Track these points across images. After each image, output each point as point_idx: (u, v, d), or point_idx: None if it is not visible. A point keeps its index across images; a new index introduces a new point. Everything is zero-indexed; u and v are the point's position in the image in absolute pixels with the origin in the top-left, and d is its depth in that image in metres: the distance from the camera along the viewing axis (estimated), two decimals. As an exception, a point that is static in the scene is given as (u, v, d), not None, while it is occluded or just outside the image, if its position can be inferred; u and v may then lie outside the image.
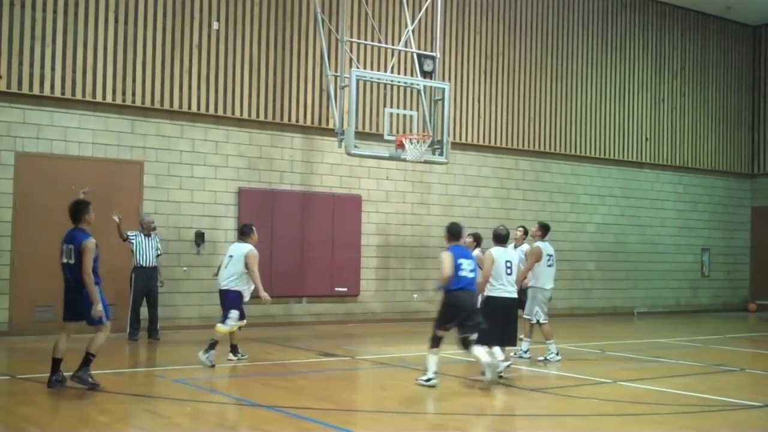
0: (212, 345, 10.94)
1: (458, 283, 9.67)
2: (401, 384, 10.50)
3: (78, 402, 8.65)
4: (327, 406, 8.61)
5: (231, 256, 11.41)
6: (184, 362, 11.66)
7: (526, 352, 12.35)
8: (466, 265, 9.77)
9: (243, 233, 11.71)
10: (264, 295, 11.28)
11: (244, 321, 11.52)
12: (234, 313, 11.23)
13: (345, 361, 12.28)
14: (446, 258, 9.67)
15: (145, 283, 13.70)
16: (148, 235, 13.78)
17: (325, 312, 16.90)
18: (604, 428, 7.93)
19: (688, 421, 8.16)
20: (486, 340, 10.08)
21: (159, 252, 13.97)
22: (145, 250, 13.67)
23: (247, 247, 11.34)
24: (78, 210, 9.21)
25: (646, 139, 22.17)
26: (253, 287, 11.39)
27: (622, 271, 21.51)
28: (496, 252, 10.59)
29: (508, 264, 10.57)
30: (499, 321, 10.32)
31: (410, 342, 13.40)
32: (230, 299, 11.29)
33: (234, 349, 11.54)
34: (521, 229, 13.88)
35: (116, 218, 13.50)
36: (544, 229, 12.35)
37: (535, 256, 12.09)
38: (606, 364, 12.43)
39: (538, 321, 12.26)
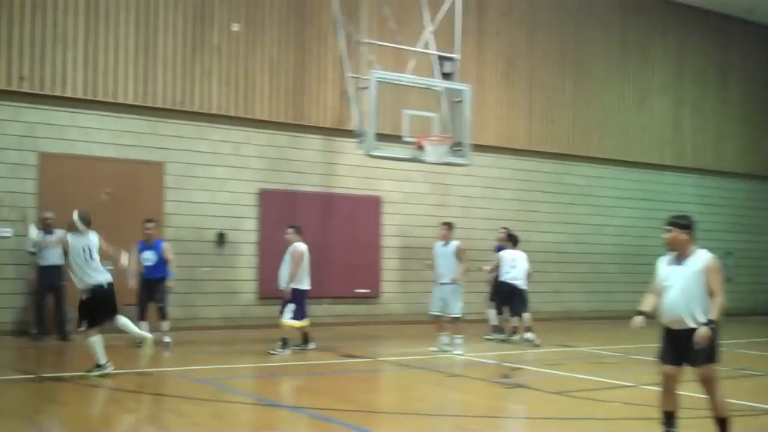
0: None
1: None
2: (422, 385, 10.47)
3: (102, 401, 8.69)
4: (348, 407, 8.59)
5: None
6: (206, 362, 11.69)
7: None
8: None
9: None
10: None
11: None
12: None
13: (366, 362, 12.25)
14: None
15: (50, 282, 13.41)
16: (50, 233, 13.37)
17: (346, 313, 16.89)
18: None
19: (712, 426, 8.08)
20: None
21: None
22: (49, 249, 13.30)
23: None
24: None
25: (667, 142, 22.03)
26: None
27: (643, 273, 21.23)
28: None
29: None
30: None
31: (431, 343, 13.35)
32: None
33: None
34: (504, 230, 15.26)
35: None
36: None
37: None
38: (629, 367, 12.33)
39: (457, 316, 12.91)
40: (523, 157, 19.51)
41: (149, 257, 12.94)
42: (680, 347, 6.94)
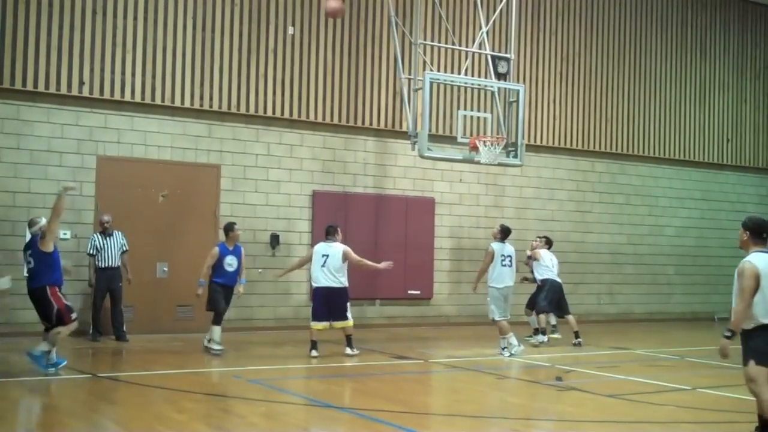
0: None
1: None
2: (474, 388, 10.46)
3: (156, 401, 8.84)
4: (399, 409, 8.62)
5: (326, 256, 12.17)
6: (259, 363, 11.82)
7: (504, 349, 12.83)
8: None
9: (329, 233, 12.45)
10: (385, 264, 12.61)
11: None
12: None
13: (417, 364, 12.26)
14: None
15: (107, 284, 13.55)
16: (110, 235, 13.59)
17: (398, 315, 16.92)
18: (682, 436, 7.76)
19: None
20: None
21: (124, 249, 13.73)
22: (107, 251, 13.52)
23: (341, 245, 12.30)
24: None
25: (728, 140, 21.62)
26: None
27: (702, 275, 20.97)
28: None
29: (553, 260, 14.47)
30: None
31: (483, 345, 13.32)
32: (346, 295, 12.32)
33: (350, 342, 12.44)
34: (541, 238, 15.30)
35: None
36: (504, 232, 13.19)
37: (489, 256, 12.96)
38: (685, 370, 12.16)
39: (492, 318, 12.84)
40: (578, 157, 19.31)
41: (232, 262, 12.45)
42: None
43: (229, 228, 12.72)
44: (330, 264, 12.17)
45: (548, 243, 15.09)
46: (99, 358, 12.30)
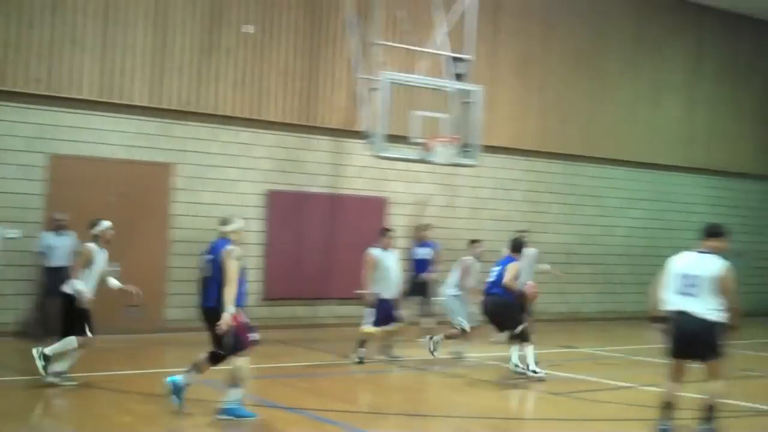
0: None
1: None
2: (425, 387, 10.55)
3: (101, 402, 8.77)
4: (350, 409, 8.67)
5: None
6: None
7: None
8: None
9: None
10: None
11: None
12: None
13: (369, 364, 12.30)
14: None
15: (56, 286, 13.08)
16: (62, 234, 13.23)
17: (351, 314, 16.88)
18: (625, 434, 7.89)
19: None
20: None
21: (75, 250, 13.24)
22: (58, 250, 13.11)
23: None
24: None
25: (680, 143, 21.92)
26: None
27: (653, 275, 21.15)
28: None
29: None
30: None
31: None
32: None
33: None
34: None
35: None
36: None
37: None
38: (631, 368, 12.34)
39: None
40: (533, 158, 19.47)
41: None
42: None
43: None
44: None
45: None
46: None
